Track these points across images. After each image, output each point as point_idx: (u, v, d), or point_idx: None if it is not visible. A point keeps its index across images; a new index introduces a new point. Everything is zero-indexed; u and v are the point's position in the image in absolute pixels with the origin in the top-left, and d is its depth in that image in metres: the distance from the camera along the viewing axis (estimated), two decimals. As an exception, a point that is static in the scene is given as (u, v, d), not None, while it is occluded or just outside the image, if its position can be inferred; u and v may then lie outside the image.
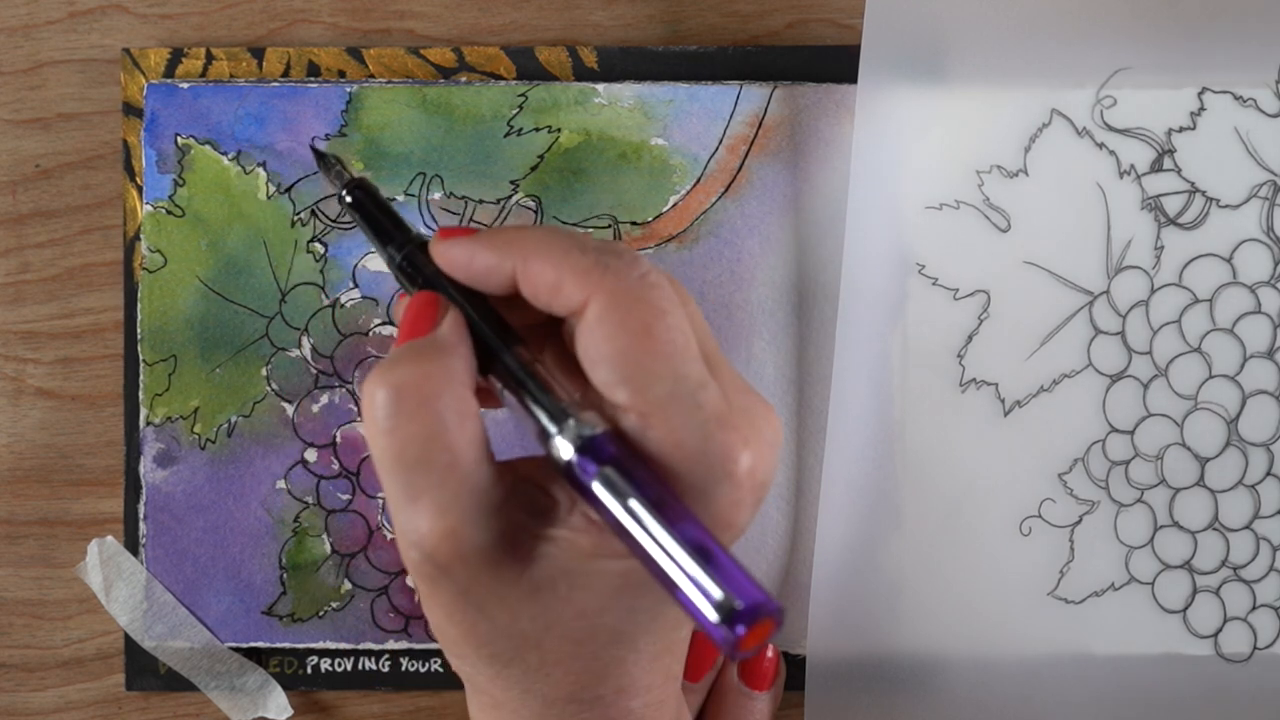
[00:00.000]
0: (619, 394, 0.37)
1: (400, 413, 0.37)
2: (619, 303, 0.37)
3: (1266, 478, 0.53)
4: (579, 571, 0.37)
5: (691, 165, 0.53)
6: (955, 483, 0.53)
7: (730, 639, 0.33)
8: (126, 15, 0.54)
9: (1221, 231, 0.53)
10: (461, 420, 0.37)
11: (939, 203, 0.53)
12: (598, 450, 0.36)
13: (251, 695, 0.53)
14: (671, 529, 0.35)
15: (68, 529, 0.55)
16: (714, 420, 0.36)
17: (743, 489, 0.37)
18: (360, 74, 0.54)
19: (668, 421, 0.36)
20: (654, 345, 0.36)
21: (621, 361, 0.37)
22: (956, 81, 0.52)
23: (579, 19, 0.54)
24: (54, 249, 0.54)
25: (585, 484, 0.36)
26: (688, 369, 0.37)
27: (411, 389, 0.37)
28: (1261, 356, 0.53)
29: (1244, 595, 0.53)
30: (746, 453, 0.37)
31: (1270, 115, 0.52)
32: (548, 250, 0.38)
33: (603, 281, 0.37)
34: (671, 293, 0.38)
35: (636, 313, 0.37)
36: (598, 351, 0.37)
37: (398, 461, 0.37)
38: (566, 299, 0.38)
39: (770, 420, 0.38)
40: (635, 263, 0.38)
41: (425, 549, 0.37)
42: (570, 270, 0.37)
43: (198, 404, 0.53)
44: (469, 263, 0.39)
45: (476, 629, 0.38)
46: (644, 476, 0.36)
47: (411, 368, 0.37)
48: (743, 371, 0.52)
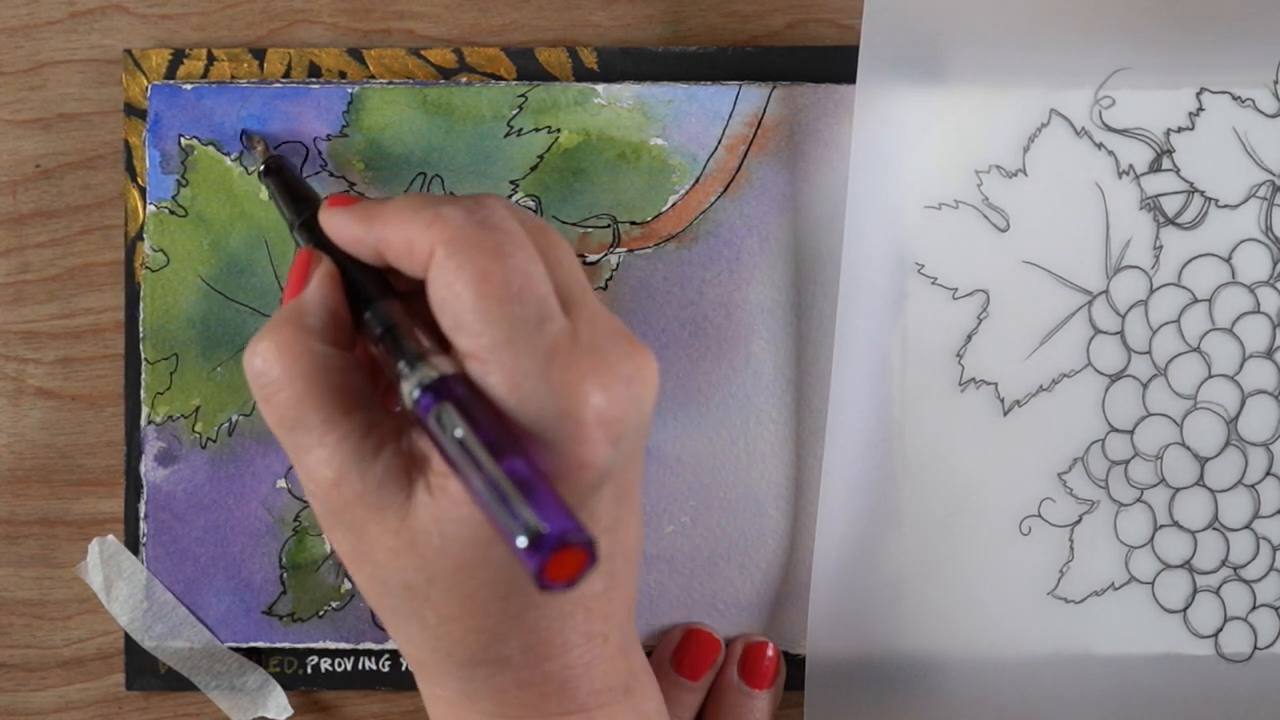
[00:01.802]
0: (460, 339, 0.37)
1: (270, 380, 0.39)
2: (456, 249, 0.37)
3: (1266, 477, 0.53)
4: (450, 519, 0.37)
5: (691, 165, 0.53)
6: (955, 482, 0.53)
7: (536, 561, 0.33)
8: (127, 15, 0.55)
9: (1220, 231, 0.53)
10: (327, 376, 0.39)
11: (938, 202, 0.53)
12: (440, 391, 0.37)
13: (251, 695, 0.53)
14: (488, 458, 0.35)
15: (68, 529, 0.55)
16: (551, 359, 0.36)
17: (587, 425, 0.36)
18: (361, 75, 0.54)
19: (504, 364, 0.37)
20: (489, 289, 0.37)
21: (457, 306, 0.37)
22: (956, 81, 0.52)
23: (579, 19, 0.55)
24: (54, 249, 0.55)
25: (423, 421, 0.37)
26: (524, 310, 0.37)
27: (274, 356, 0.39)
28: (1261, 356, 0.53)
29: (1244, 595, 0.53)
30: (593, 390, 0.37)
31: (1269, 115, 0.52)
32: (399, 214, 0.39)
33: (443, 231, 0.38)
34: (515, 234, 0.38)
35: (472, 257, 0.37)
36: (439, 298, 0.38)
37: (280, 424, 0.39)
38: (419, 257, 0.38)
39: (633, 357, 0.38)
40: (475, 208, 0.38)
41: (319, 498, 0.39)
42: (416, 226, 0.38)
43: (199, 403, 0.53)
44: (342, 231, 0.41)
45: (374, 578, 0.39)
46: (481, 416, 0.36)
47: (273, 336, 0.39)
48: (742, 371, 0.52)
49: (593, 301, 0.39)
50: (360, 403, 0.39)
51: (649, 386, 0.38)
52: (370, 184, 0.53)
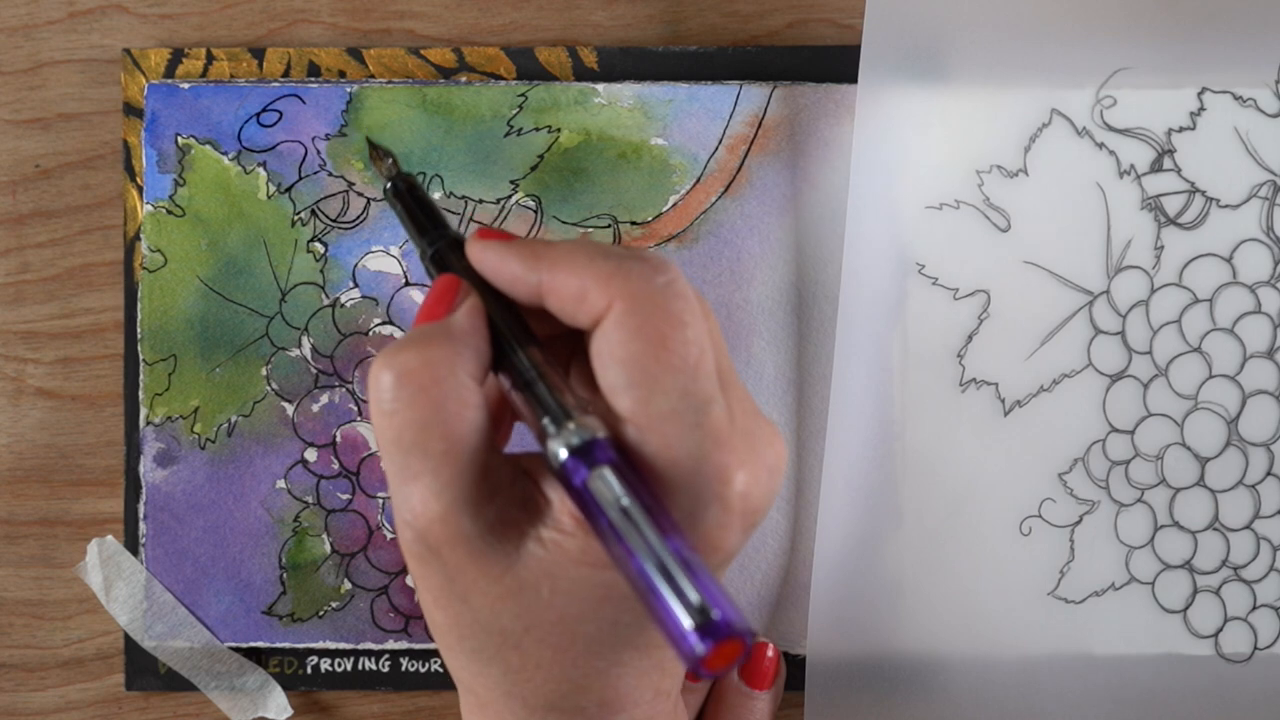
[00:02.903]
0: (623, 401, 0.36)
1: (400, 396, 0.37)
2: (638, 308, 0.36)
3: (1266, 478, 0.53)
4: (563, 576, 0.37)
5: (691, 165, 0.53)
6: (955, 483, 0.53)
7: (700, 650, 0.33)
8: (126, 15, 0.54)
9: (1221, 231, 0.53)
10: (461, 408, 0.37)
11: (939, 202, 0.53)
12: (592, 453, 0.36)
13: (251, 695, 0.53)
14: (654, 536, 0.34)
15: (68, 529, 0.55)
16: (712, 440, 0.36)
17: (733, 512, 0.36)
18: (360, 74, 0.54)
19: (666, 435, 0.36)
20: (667, 356, 0.36)
21: (631, 368, 0.36)
22: (956, 81, 0.52)
23: (579, 19, 0.54)
24: (54, 249, 0.54)
25: (575, 485, 0.36)
26: (696, 385, 0.36)
27: (414, 374, 0.37)
28: (1261, 356, 0.53)
29: (1244, 595, 0.53)
30: (741, 475, 0.36)
31: (1270, 115, 0.52)
32: (572, 259, 0.38)
33: (625, 286, 0.37)
34: (695, 305, 0.37)
35: (654, 320, 0.36)
36: (610, 354, 0.37)
37: (396, 443, 0.37)
38: (590, 307, 0.37)
39: (774, 445, 0.38)
40: (661, 269, 0.37)
41: (417, 529, 0.37)
42: (593, 276, 0.37)
43: (198, 403, 0.53)
44: (498, 267, 0.39)
45: (460, 619, 0.38)
46: (635, 485, 0.35)
47: (416, 353, 0.37)
48: (742, 372, 0.52)
49: (739, 381, 0.39)
50: (483, 443, 0.38)
51: (782, 473, 0.38)
52: (370, 184, 0.53)
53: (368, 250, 0.53)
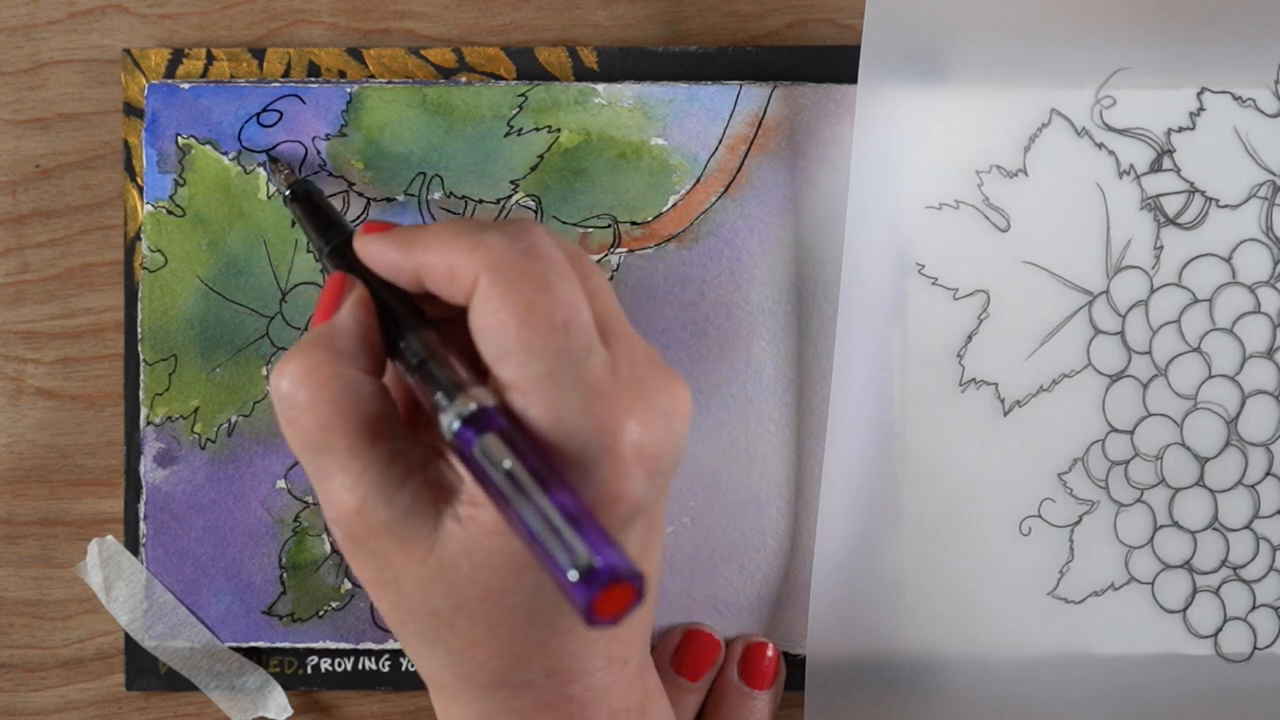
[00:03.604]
0: (504, 369, 0.37)
1: (297, 402, 0.38)
2: (501, 277, 0.37)
3: (1266, 478, 0.53)
4: (480, 549, 0.37)
5: (691, 165, 0.53)
6: (955, 483, 0.53)
7: (586, 597, 0.33)
8: (126, 15, 0.54)
9: (1221, 231, 0.53)
10: (355, 401, 0.38)
11: (939, 202, 0.53)
12: (482, 422, 0.36)
13: (251, 695, 0.53)
14: (538, 491, 0.35)
15: (68, 529, 0.55)
16: (593, 393, 0.36)
17: (625, 460, 0.36)
18: (360, 74, 0.54)
19: (547, 396, 0.36)
20: (534, 319, 0.37)
21: (503, 335, 0.37)
22: (956, 81, 0.52)
23: (579, 19, 0.54)
24: (54, 249, 0.54)
25: (467, 454, 0.36)
26: (569, 342, 0.37)
27: (304, 377, 0.38)
28: (1261, 356, 0.53)
29: (1244, 595, 0.53)
30: (631, 424, 0.36)
31: (1269, 115, 0.52)
32: (439, 239, 0.39)
33: (486, 257, 0.37)
34: (560, 263, 0.38)
35: (518, 286, 0.37)
36: (484, 326, 0.37)
37: (304, 447, 0.38)
38: (461, 283, 0.38)
39: (670, 390, 0.38)
40: (519, 235, 0.38)
41: (340, 525, 0.38)
42: (458, 252, 0.38)
43: (198, 403, 0.53)
44: (379, 258, 0.41)
45: (398, 605, 0.39)
46: (523, 448, 0.36)
47: (301, 358, 0.39)
48: (742, 372, 0.52)
49: (629, 331, 0.39)
50: (387, 430, 0.38)
51: (684, 419, 0.38)
52: (369, 184, 0.53)
53: (368, 250, 0.53)
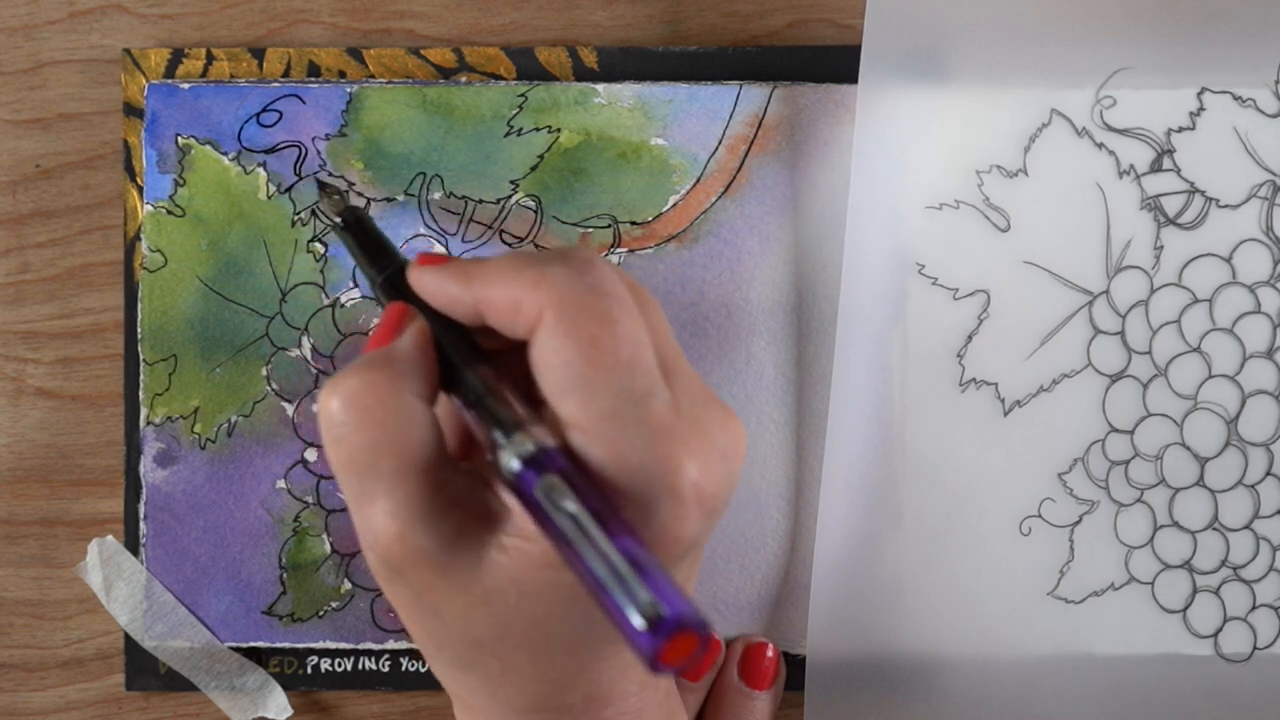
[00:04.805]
0: (565, 406, 0.36)
1: (348, 420, 0.37)
2: (567, 312, 0.36)
3: (1266, 478, 0.53)
4: (528, 580, 0.37)
5: (691, 165, 0.53)
6: (955, 482, 0.53)
7: (651, 646, 0.33)
8: (126, 15, 0.54)
9: (1221, 231, 0.53)
10: (409, 426, 0.37)
11: (939, 202, 0.53)
12: (542, 462, 0.36)
13: (251, 695, 0.53)
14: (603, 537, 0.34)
15: (68, 529, 0.55)
16: (655, 433, 0.36)
17: (685, 503, 0.36)
18: (360, 74, 0.54)
19: (609, 436, 0.36)
20: (599, 356, 0.36)
21: (566, 372, 0.36)
22: (956, 81, 0.52)
23: (579, 19, 0.54)
24: (54, 249, 0.54)
25: (528, 494, 0.36)
26: (633, 381, 0.36)
27: (358, 396, 0.37)
28: (1261, 356, 0.53)
29: (1244, 595, 0.53)
30: (691, 464, 0.36)
31: (1269, 115, 0.52)
32: (501, 273, 0.38)
33: (551, 292, 0.37)
34: (625, 299, 0.37)
35: (583, 322, 0.36)
36: (546, 362, 0.37)
37: (348, 467, 0.37)
38: (524, 318, 0.37)
39: (727, 428, 0.38)
40: (586, 269, 0.37)
41: (378, 551, 0.38)
42: (521, 287, 0.37)
43: (198, 404, 0.53)
44: (437, 291, 0.40)
45: (435, 632, 0.38)
46: (584, 489, 0.35)
47: (359, 377, 0.38)
48: (742, 372, 0.52)
49: (687, 367, 0.39)
50: (435, 458, 0.38)
51: (740, 456, 0.38)
52: (369, 184, 0.53)
53: (368, 250, 0.53)
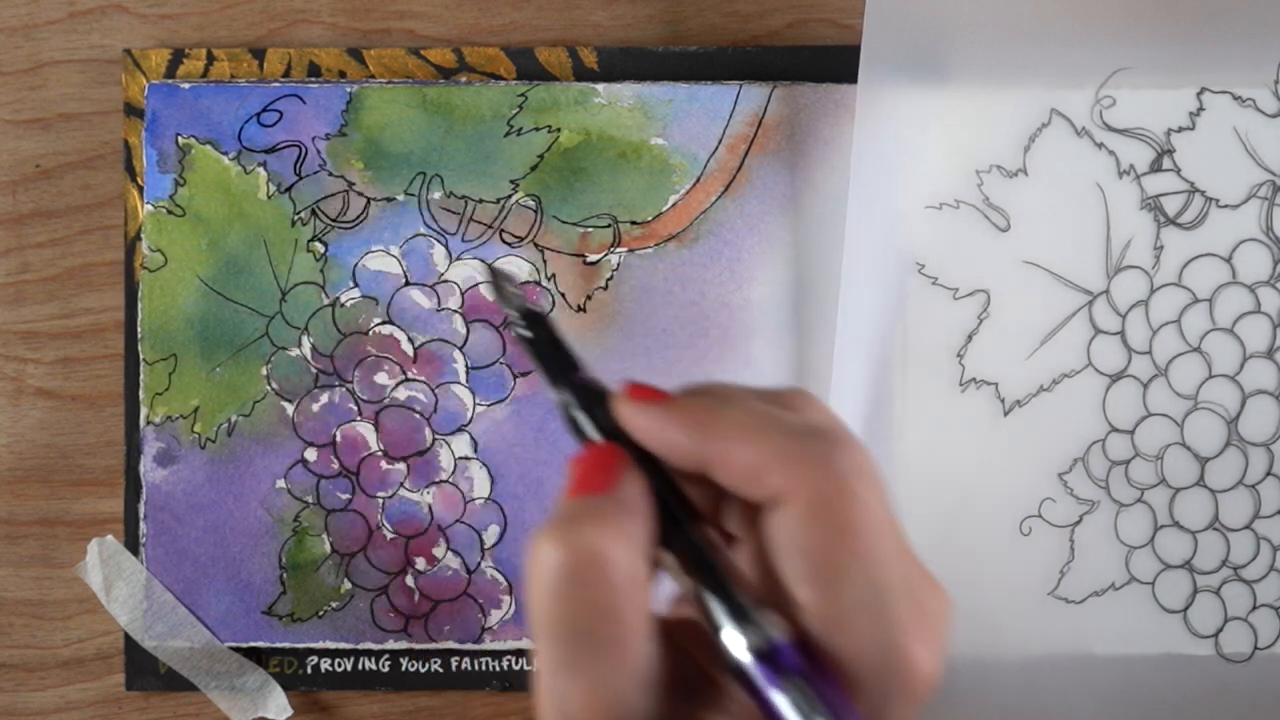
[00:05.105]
0: (805, 591, 0.34)
1: (575, 579, 0.33)
2: (825, 496, 0.34)
3: (1266, 477, 0.53)
4: None
5: (691, 165, 0.53)
6: (955, 482, 0.53)
7: None
8: (126, 15, 0.54)
9: (1221, 231, 0.53)
10: (634, 594, 0.34)
11: (939, 202, 0.53)
12: (780, 658, 0.33)
13: (251, 695, 0.53)
14: None
15: (68, 529, 0.54)
16: (898, 629, 0.34)
17: (918, 696, 0.34)
18: (360, 74, 0.54)
19: (853, 629, 0.33)
20: (854, 546, 0.34)
21: (815, 559, 0.34)
22: (956, 81, 0.52)
23: (579, 19, 0.54)
24: (54, 249, 0.54)
25: (762, 691, 0.34)
26: (882, 575, 0.34)
27: (589, 555, 0.34)
28: (1261, 356, 0.53)
29: (1244, 595, 0.53)
30: (923, 655, 0.34)
31: (1269, 115, 0.52)
32: (748, 433, 0.35)
33: (810, 471, 0.34)
34: (879, 485, 0.35)
35: (841, 509, 0.34)
36: (790, 544, 0.34)
37: (561, 629, 0.34)
38: (765, 486, 0.34)
39: (945, 609, 0.36)
40: (846, 447, 0.35)
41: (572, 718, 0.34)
42: (772, 455, 0.34)
43: (198, 403, 0.53)
44: (657, 436, 0.36)
45: None
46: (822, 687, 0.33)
47: (593, 531, 0.34)
48: (743, 371, 0.52)
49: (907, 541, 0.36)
50: (651, 630, 0.34)
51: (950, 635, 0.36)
52: (369, 183, 0.53)
53: (368, 250, 0.53)
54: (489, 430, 0.53)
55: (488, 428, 0.53)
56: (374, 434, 0.53)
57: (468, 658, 0.54)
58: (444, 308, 0.53)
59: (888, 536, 0.34)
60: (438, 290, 0.53)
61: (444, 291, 0.53)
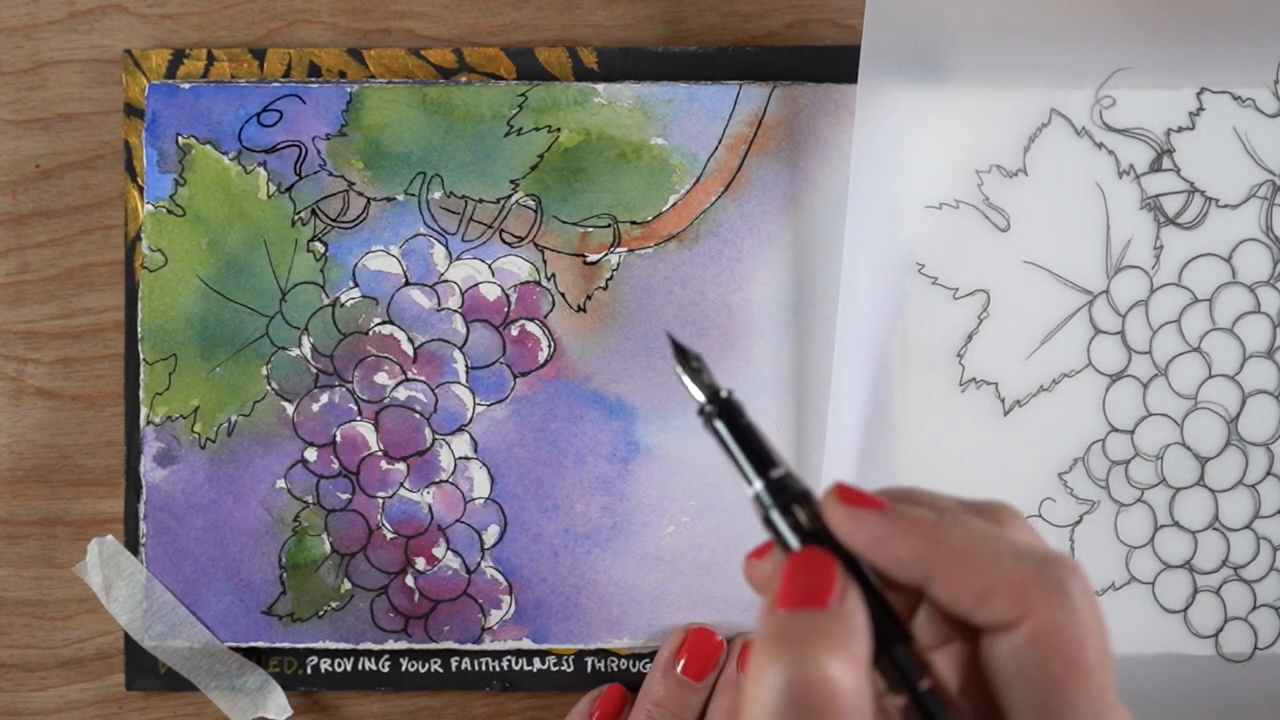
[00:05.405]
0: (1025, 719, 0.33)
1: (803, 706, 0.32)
2: (1058, 627, 0.33)
3: (1266, 477, 0.53)
4: None
5: (691, 165, 0.53)
6: (955, 483, 0.52)
7: None
8: (127, 15, 0.54)
9: (1221, 231, 0.53)
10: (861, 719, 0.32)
11: (939, 202, 0.53)
12: None
13: (251, 695, 0.53)
14: None
15: (68, 529, 0.54)
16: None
17: None
18: (361, 74, 0.54)
19: None
20: (1084, 681, 0.33)
21: (1042, 692, 0.33)
22: (956, 81, 0.52)
23: (579, 19, 0.54)
24: (54, 249, 0.54)
25: None
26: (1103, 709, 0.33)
27: (823, 683, 0.32)
28: (1261, 356, 0.53)
29: (1244, 595, 0.53)
30: None
31: (1269, 115, 0.52)
32: (975, 554, 0.34)
33: (1045, 601, 0.33)
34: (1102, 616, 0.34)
35: (1073, 642, 0.33)
36: (1017, 672, 0.33)
37: None
38: (993, 612, 0.33)
39: None
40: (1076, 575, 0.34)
41: None
42: (1005, 582, 0.33)
43: (198, 403, 0.53)
44: (878, 547, 0.34)
45: None
46: None
47: (821, 654, 0.32)
48: (742, 371, 0.52)
49: None
50: None
51: None
52: (369, 183, 0.53)
53: (368, 250, 0.53)
54: (489, 430, 0.53)
55: (488, 428, 0.53)
56: (374, 434, 0.53)
57: (467, 658, 0.54)
58: (444, 308, 0.53)
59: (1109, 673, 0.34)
60: (438, 290, 0.53)
61: (444, 291, 0.53)
